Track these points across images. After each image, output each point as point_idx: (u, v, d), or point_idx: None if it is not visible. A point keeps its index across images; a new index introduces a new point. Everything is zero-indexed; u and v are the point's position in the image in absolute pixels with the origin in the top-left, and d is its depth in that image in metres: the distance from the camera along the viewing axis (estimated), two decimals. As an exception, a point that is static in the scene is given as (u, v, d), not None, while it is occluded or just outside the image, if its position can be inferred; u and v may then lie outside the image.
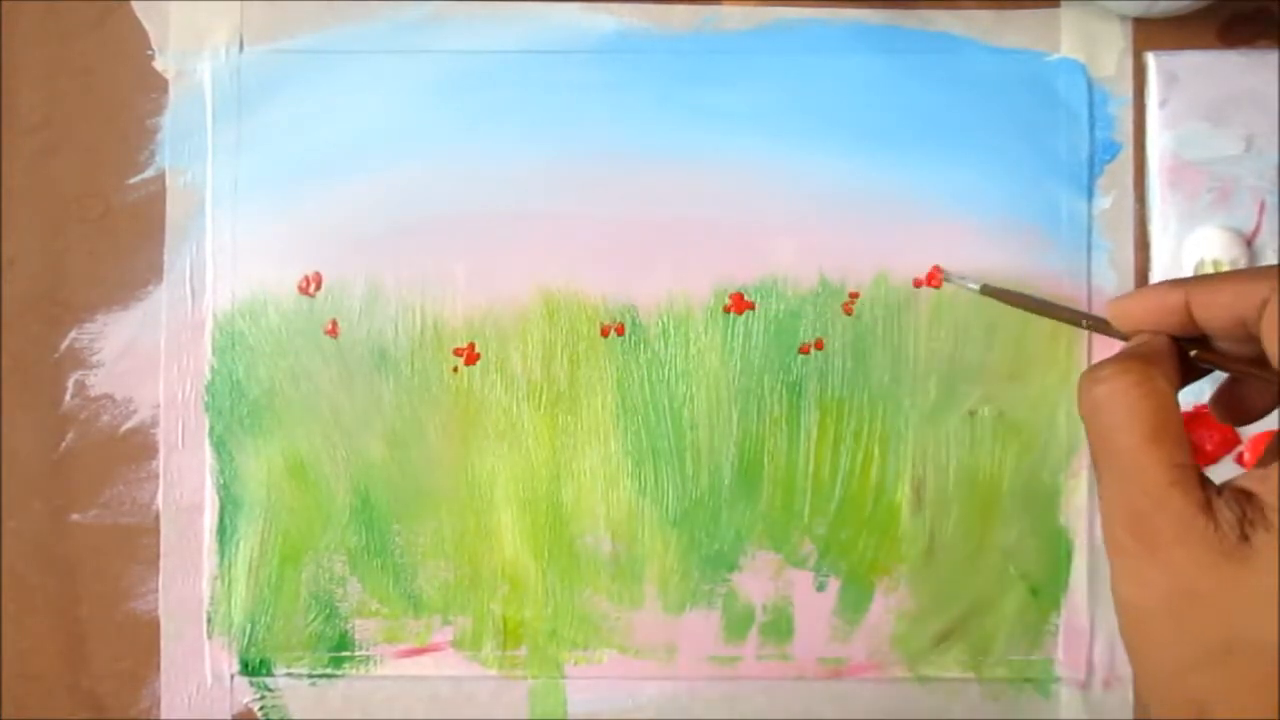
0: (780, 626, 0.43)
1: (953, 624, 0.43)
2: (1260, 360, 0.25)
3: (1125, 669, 0.43)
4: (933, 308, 0.43)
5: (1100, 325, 0.31)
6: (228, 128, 0.43)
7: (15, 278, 0.44)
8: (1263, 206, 0.43)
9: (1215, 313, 0.26)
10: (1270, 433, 0.42)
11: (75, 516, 0.43)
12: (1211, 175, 0.43)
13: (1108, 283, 0.43)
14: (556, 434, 0.43)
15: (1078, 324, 0.32)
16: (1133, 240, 0.43)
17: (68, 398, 0.43)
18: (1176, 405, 0.25)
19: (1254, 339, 0.25)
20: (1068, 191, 0.43)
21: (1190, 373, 0.28)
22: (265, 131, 0.43)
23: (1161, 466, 0.24)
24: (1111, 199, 0.43)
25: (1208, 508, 0.23)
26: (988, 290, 0.35)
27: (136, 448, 0.43)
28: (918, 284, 0.43)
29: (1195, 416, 0.42)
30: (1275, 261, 0.43)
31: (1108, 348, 0.43)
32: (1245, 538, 0.23)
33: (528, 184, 0.43)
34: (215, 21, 0.43)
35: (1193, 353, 0.27)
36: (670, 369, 0.43)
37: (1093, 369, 0.25)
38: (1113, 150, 0.44)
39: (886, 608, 0.43)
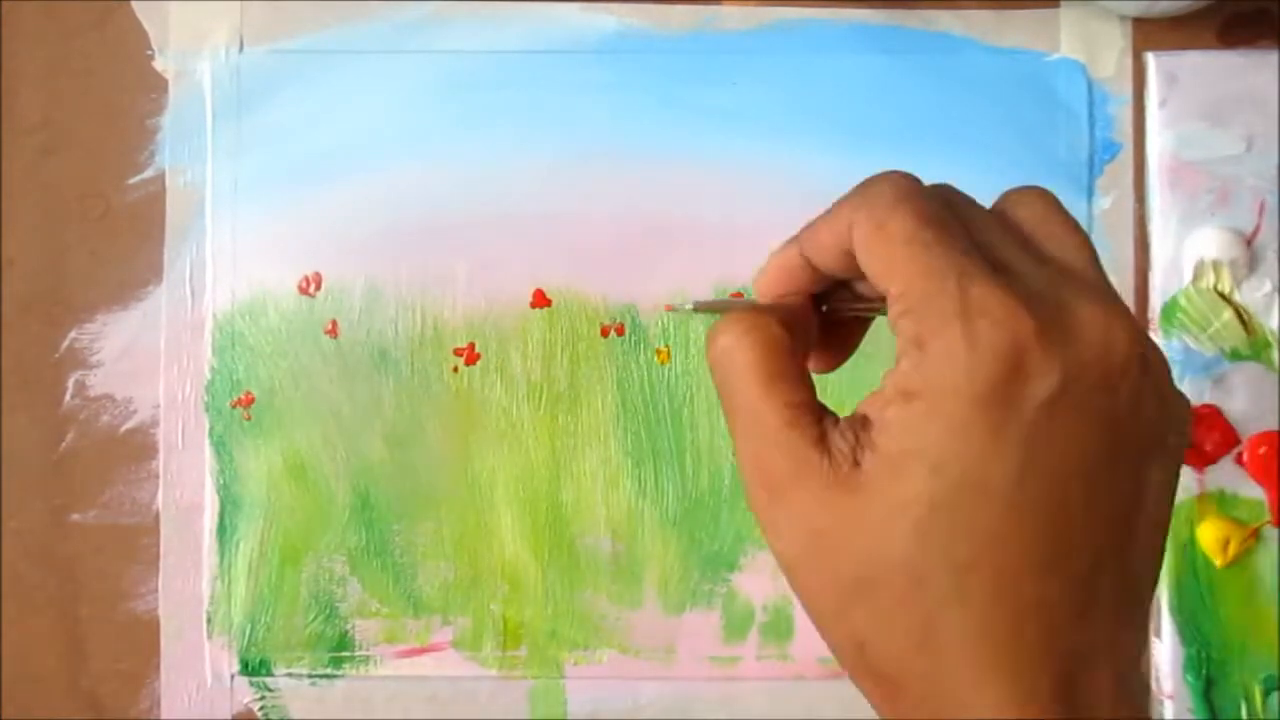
0: (780, 626, 0.43)
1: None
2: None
3: (1125, 669, 0.43)
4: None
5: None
6: (228, 128, 0.43)
7: (15, 278, 0.44)
8: (1263, 206, 0.43)
9: (824, 254, 0.25)
10: (1271, 432, 0.42)
11: (75, 516, 0.43)
12: (1211, 175, 0.43)
13: (1108, 283, 0.43)
14: (556, 434, 0.43)
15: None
16: (1133, 240, 0.43)
17: (68, 398, 0.43)
18: (792, 348, 0.24)
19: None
20: (1068, 191, 0.43)
21: (843, 329, 0.27)
22: (265, 131, 0.43)
23: (776, 408, 0.23)
24: (1111, 199, 0.43)
25: (823, 442, 0.23)
26: (699, 306, 0.35)
27: (136, 448, 0.43)
28: (918, 284, 0.43)
29: (1196, 416, 0.42)
30: (1276, 262, 0.43)
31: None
32: (857, 464, 0.22)
33: (528, 184, 0.43)
34: (215, 21, 0.43)
35: (824, 307, 0.26)
36: (670, 369, 0.43)
37: (713, 326, 0.25)
38: (1113, 150, 0.44)
39: (886, 608, 0.43)
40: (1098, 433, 0.21)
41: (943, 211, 0.23)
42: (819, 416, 0.23)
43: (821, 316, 0.26)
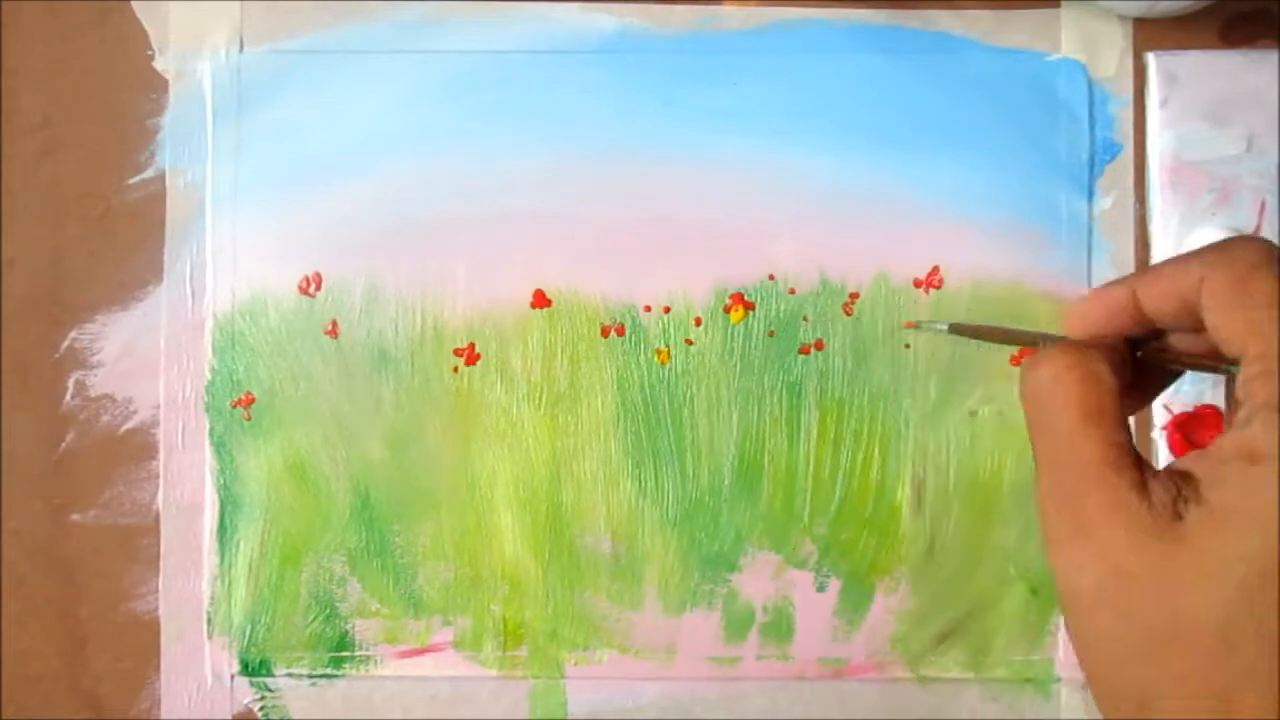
0: (780, 627, 0.43)
1: (953, 624, 0.43)
2: (1213, 353, 0.25)
3: (1125, 669, 0.43)
4: (933, 308, 0.43)
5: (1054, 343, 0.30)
6: (228, 128, 0.43)
7: (15, 278, 0.44)
8: (1263, 206, 0.43)
9: (1160, 301, 0.25)
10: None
11: (75, 516, 0.43)
12: (1212, 175, 0.43)
13: (1108, 283, 0.43)
14: (556, 434, 0.43)
15: (1044, 344, 0.31)
16: (1133, 240, 0.43)
17: (68, 398, 0.43)
18: (1115, 391, 0.24)
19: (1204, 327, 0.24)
20: (1068, 192, 0.43)
21: (1146, 377, 0.27)
22: (265, 131, 0.43)
23: (1096, 445, 0.23)
24: (1112, 199, 0.43)
25: (1141, 487, 0.23)
26: (955, 328, 0.35)
27: (136, 448, 0.43)
28: (918, 284, 0.43)
29: (1195, 416, 0.42)
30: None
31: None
32: (1179, 516, 0.22)
33: (528, 184, 0.43)
34: (215, 21, 0.43)
35: (1139, 353, 0.26)
36: (670, 369, 0.43)
37: (1031, 357, 0.25)
38: (1113, 150, 0.44)
39: (887, 608, 0.43)
40: None
41: None
42: (1139, 461, 0.23)
43: (1133, 362, 0.26)
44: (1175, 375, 0.28)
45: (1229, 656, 0.21)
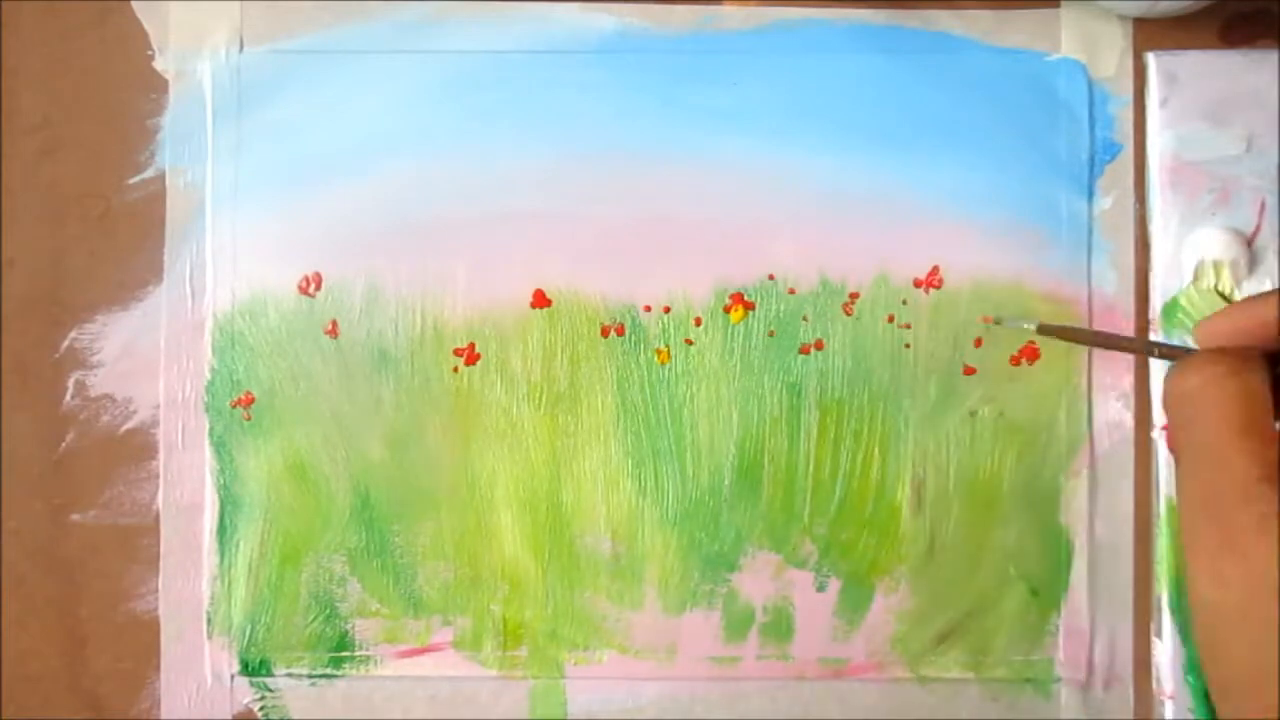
0: (780, 627, 0.43)
1: (953, 624, 0.43)
2: None
3: (1125, 669, 0.43)
4: (933, 308, 0.43)
5: (1173, 352, 0.29)
6: (228, 128, 0.43)
7: (15, 278, 0.44)
8: (1263, 206, 0.43)
9: None
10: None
11: (75, 516, 0.43)
12: (1212, 175, 0.43)
13: (1108, 283, 0.43)
14: (556, 434, 0.43)
15: (1147, 353, 0.30)
16: (1133, 240, 0.43)
17: (68, 398, 0.43)
18: (1269, 404, 0.23)
19: None
20: (1068, 192, 0.43)
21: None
22: (265, 131, 0.43)
23: (1250, 460, 0.23)
24: (1112, 199, 0.43)
25: None
26: (1045, 329, 0.34)
27: (136, 448, 0.43)
28: (918, 284, 0.43)
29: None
30: (1277, 262, 0.43)
31: (1111, 362, 0.43)
32: None
33: (528, 184, 0.43)
34: (215, 21, 0.43)
35: (1278, 370, 0.25)
36: (670, 369, 0.43)
37: (1180, 363, 0.24)
38: (1113, 150, 0.44)
39: (887, 608, 0.43)
40: None
41: None
42: None
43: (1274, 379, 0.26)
44: None
45: None
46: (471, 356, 0.43)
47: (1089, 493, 0.43)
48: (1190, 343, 0.36)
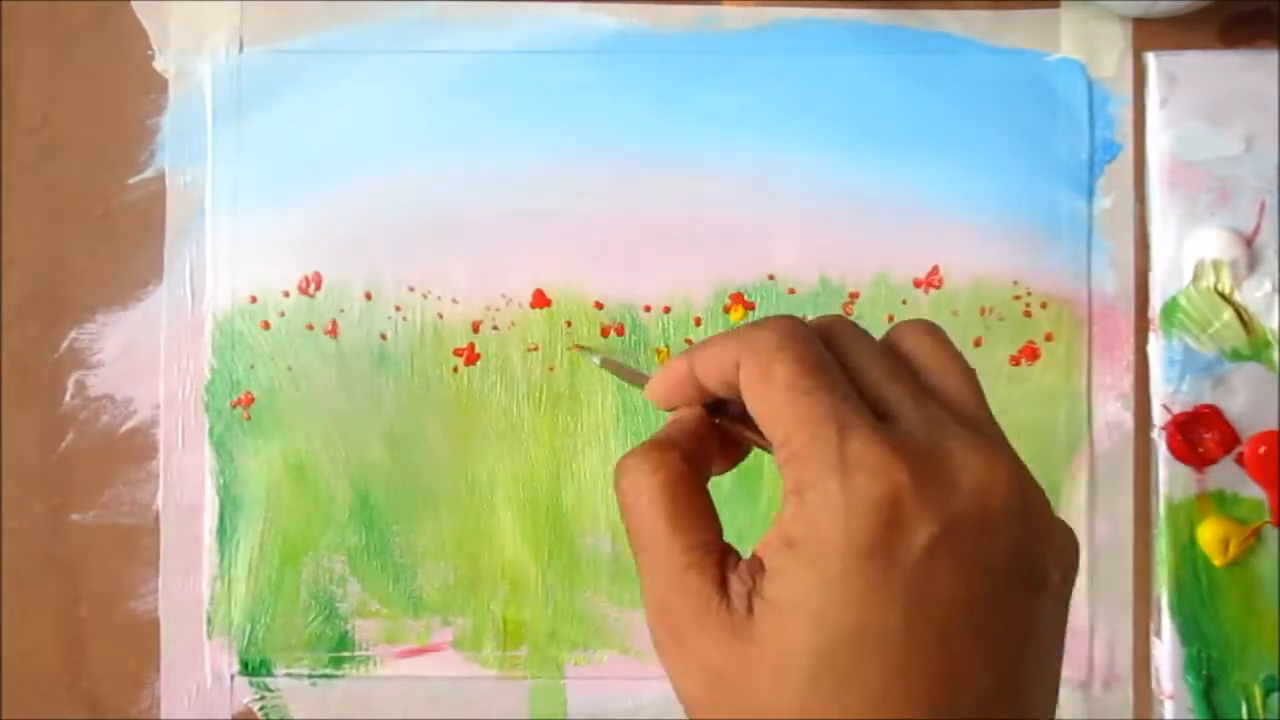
0: (780, 626, 0.43)
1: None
2: None
3: (1125, 669, 0.43)
4: (933, 308, 0.43)
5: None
6: (228, 128, 0.43)
7: (15, 278, 0.44)
8: (1263, 206, 0.43)
9: (711, 380, 0.25)
10: (1271, 432, 0.42)
11: (75, 516, 0.43)
12: (1211, 175, 0.43)
13: (1107, 283, 0.43)
14: (556, 434, 0.43)
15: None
16: (1133, 240, 0.43)
17: (68, 398, 0.43)
18: (696, 483, 0.24)
19: None
20: (1068, 192, 0.43)
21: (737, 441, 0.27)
22: (265, 131, 0.43)
23: (678, 550, 0.23)
24: (1111, 199, 0.43)
25: (722, 585, 0.23)
26: (605, 364, 0.35)
27: (136, 448, 0.43)
28: (917, 284, 0.43)
29: (1195, 416, 0.42)
30: (1276, 262, 0.43)
31: (1110, 362, 0.43)
32: (751, 610, 0.22)
33: (528, 184, 0.43)
34: (215, 21, 0.43)
35: (717, 420, 0.26)
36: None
37: (620, 460, 0.25)
38: (1113, 150, 0.44)
39: (886, 608, 0.43)
40: (979, 576, 0.21)
41: (825, 357, 0.23)
42: (721, 557, 0.23)
43: (715, 428, 0.26)
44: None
45: None
46: (471, 356, 0.43)
47: (1089, 493, 0.43)
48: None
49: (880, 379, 0.23)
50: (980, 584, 0.21)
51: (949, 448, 0.22)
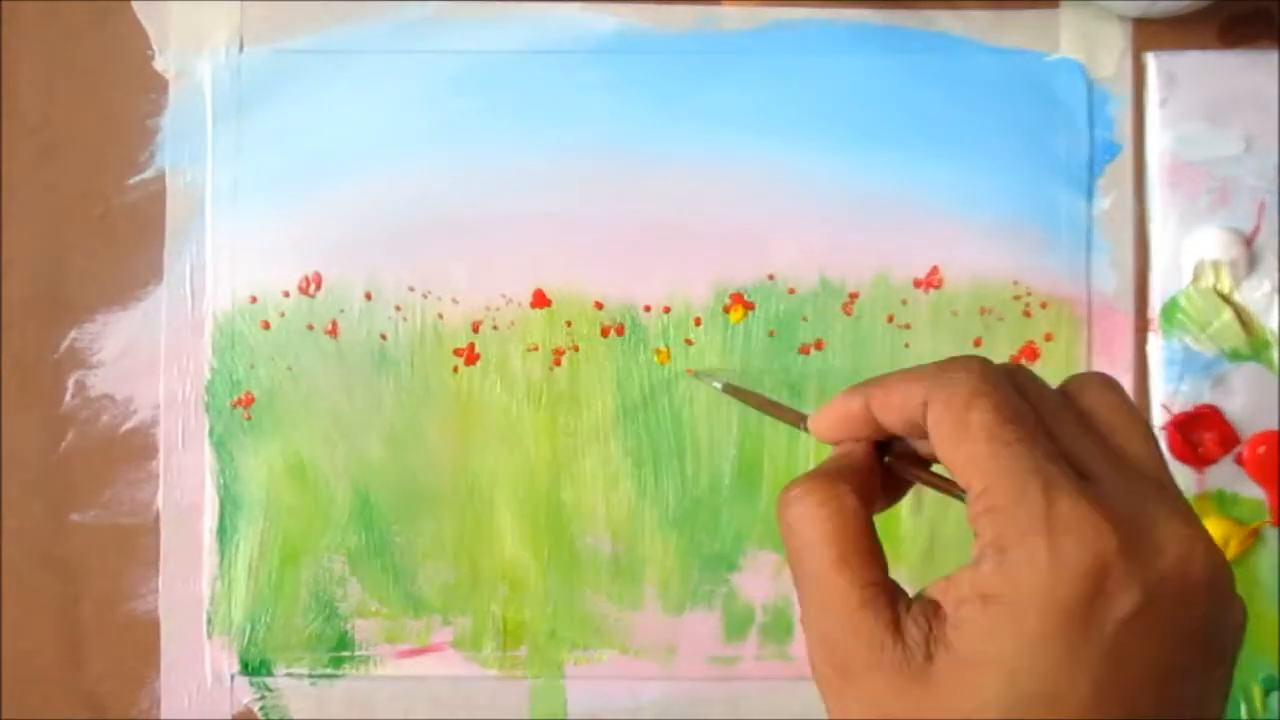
0: (780, 626, 0.43)
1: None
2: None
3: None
4: (933, 308, 0.43)
5: None
6: (228, 128, 0.43)
7: (15, 278, 0.44)
8: (1262, 206, 0.43)
9: (891, 418, 0.25)
10: (1271, 432, 0.42)
11: (75, 516, 0.43)
12: (1211, 175, 0.43)
13: (1107, 283, 0.43)
14: (556, 434, 0.43)
15: (801, 428, 0.30)
16: (1133, 240, 0.43)
17: (68, 398, 0.43)
18: (867, 520, 0.24)
19: None
20: (1067, 192, 0.43)
21: (904, 482, 0.27)
22: (265, 131, 0.43)
23: (851, 588, 0.23)
24: (1111, 199, 0.43)
25: (896, 628, 0.22)
26: (730, 389, 0.35)
27: (136, 448, 0.43)
28: (917, 284, 0.43)
29: (1195, 416, 0.42)
30: (1276, 262, 0.43)
31: (1110, 362, 0.43)
32: (930, 657, 0.22)
33: (528, 184, 0.43)
34: (215, 21, 0.43)
35: (886, 459, 0.26)
36: (670, 369, 0.43)
37: (784, 490, 0.24)
38: (1112, 150, 0.44)
39: (886, 608, 0.43)
40: (1175, 646, 0.21)
41: (1022, 407, 0.23)
42: (893, 598, 0.23)
43: (882, 465, 0.26)
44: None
45: None
46: (471, 356, 0.43)
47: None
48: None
49: (1071, 434, 0.23)
50: (1173, 655, 0.21)
51: (1151, 514, 0.22)
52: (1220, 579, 0.22)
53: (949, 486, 0.25)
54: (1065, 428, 0.23)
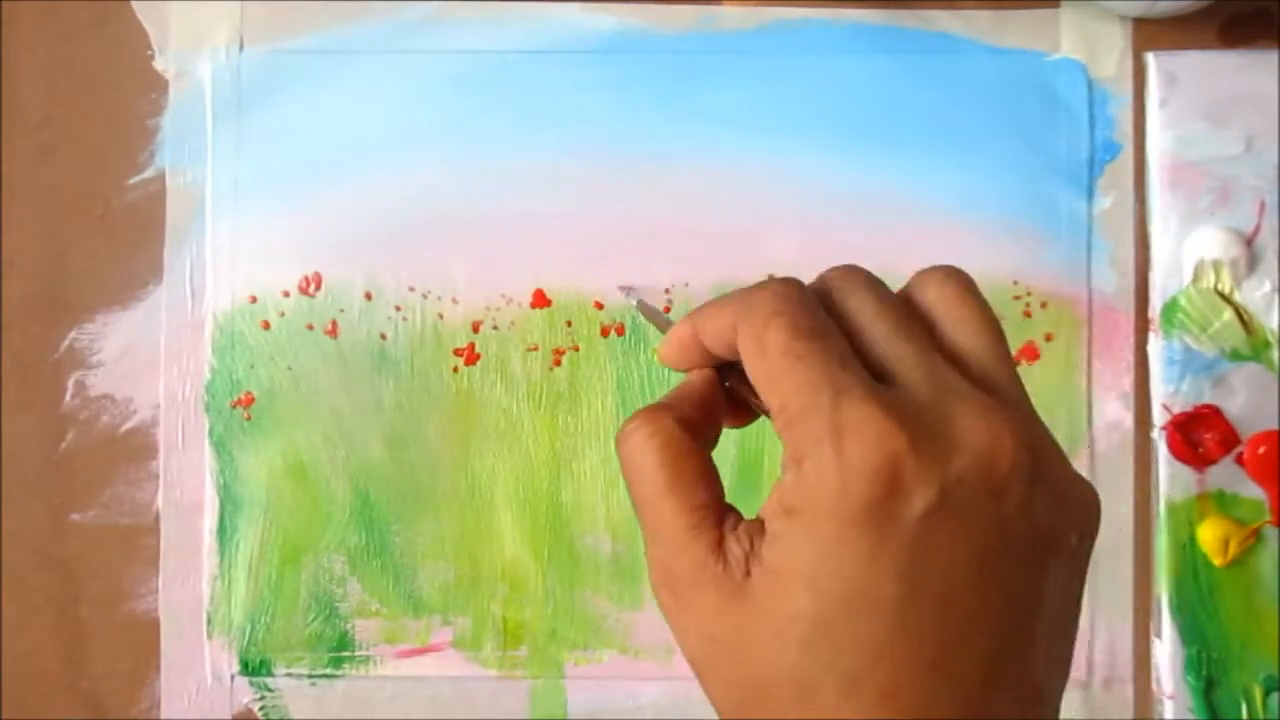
0: (780, 626, 0.43)
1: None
2: None
3: (1125, 669, 0.43)
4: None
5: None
6: (228, 128, 0.43)
7: (15, 278, 0.44)
8: (1263, 206, 0.43)
9: (714, 342, 0.25)
10: (1271, 432, 0.42)
11: (75, 516, 0.43)
12: (1211, 175, 0.43)
13: (1108, 283, 0.43)
14: (556, 434, 0.43)
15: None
16: (1133, 240, 0.43)
17: (68, 398, 0.43)
18: (694, 446, 0.24)
19: None
20: (1068, 191, 0.43)
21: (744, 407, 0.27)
22: (265, 131, 0.43)
23: (679, 513, 0.23)
24: (1111, 199, 0.43)
25: (719, 547, 0.23)
26: (642, 307, 0.37)
27: (136, 448, 0.43)
28: (918, 284, 0.43)
29: (1195, 416, 0.42)
30: (1276, 262, 0.43)
31: (1110, 362, 0.43)
32: (748, 574, 0.22)
33: (528, 184, 0.43)
34: (215, 21, 0.43)
35: (727, 383, 0.26)
36: (670, 369, 0.43)
37: (621, 428, 0.25)
38: (1113, 150, 0.44)
39: (886, 608, 0.43)
40: (983, 539, 0.21)
41: (819, 320, 0.23)
42: (720, 519, 0.23)
43: (725, 389, 0.26)
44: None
45: (813, 700, 0.21)
46: (471, 356, 0.43)
47: (1089, 492, 0.43)
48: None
49: (884, 337, 0.23)
50: (984, 545, 0.21)
51: (952, 410, 0.21)
52: (1043, 467, 0.22)
53: (759, 402, 0.25)
54: (877, 331, 0.23)
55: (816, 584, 0.21)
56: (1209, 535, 0.42)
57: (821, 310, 0.23)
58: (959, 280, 0.24)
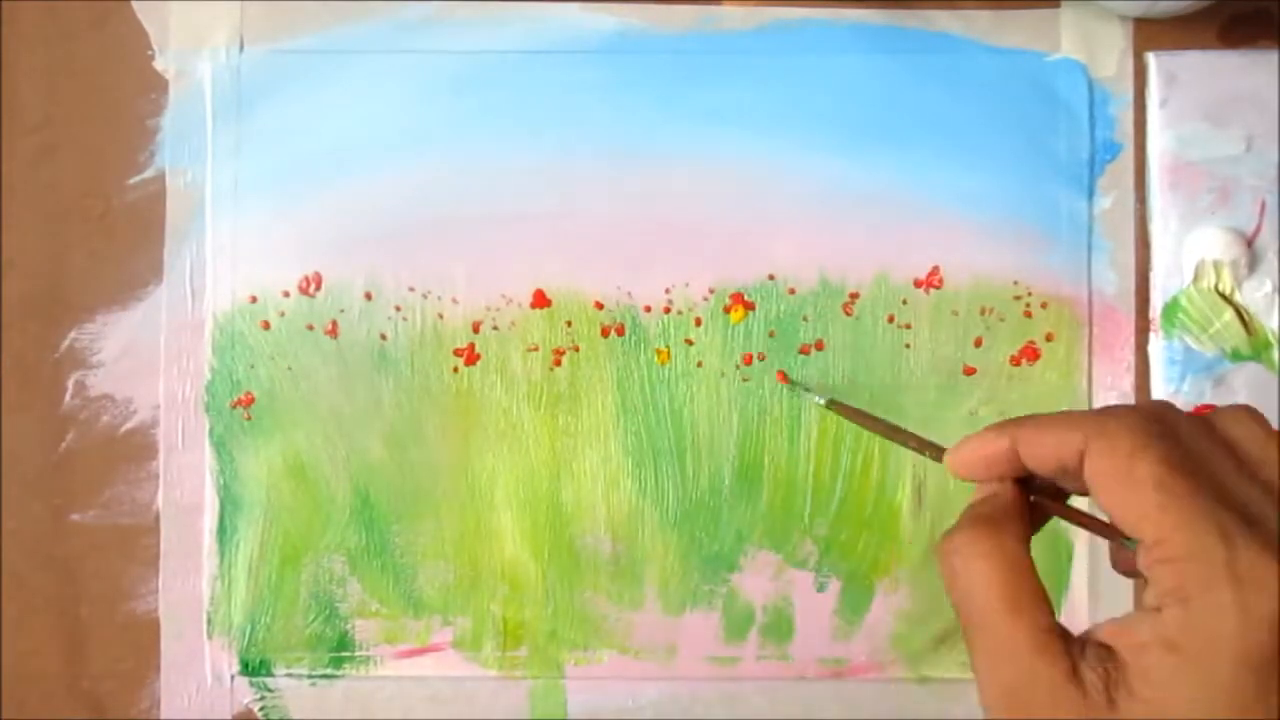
0: (780, 627, 0.43)
1: (953, 625, 0.43)
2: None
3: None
4: (933, 308, 0.43)
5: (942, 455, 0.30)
6: (228, 128, 0.43)
7: (15, 278, 0.44)
8: (1263, 206, 0.43)
9: (1041, 461, 0.25)
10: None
11: (75, 516, 0.43)
12: (1212, 175, 0.43)
13: (1108, 283, 0.43)
14: (556, 434, 0.43)
15: (927, 455, 0.31)
16: (1133, 240, 0.43)
17: (68, 398, 0.43)
18: (1031, 565, 0.24)
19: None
20: (1068, 191, 0.43)
21: (1042, 513, 0.27)
22: (265, 131, 0.43)
23: (1026, 636, 0.23)
24: (1112, 199, 0.43)
25: (1074, 674, 0.23)
26: (834, 405, 0.35)
27: (136, 448, 0.43)
28: (918, 284, 0.43)
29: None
30: (1277, 262, 0.43)
31: (1111, 362, 0.43)
32: (1113, 703, 0.22)
33: (528, 184, 0.43)
34: (215, 21, 0.43)
35: (1032, 498, 0.26)
36: (670, 369, 0.43)
37: (945, 537, 0.25)
38: (1113, 150, 0.44)
39: (887, 608, 0.43)
40: None
41: (1186, 456, 0.23)
42: (1067, 643, 0.24)
43: (1027, 502, 0.26)
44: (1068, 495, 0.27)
45: None
46: (471, 356, 0.43)
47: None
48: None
49: (1232, 475, 0.24)
50: None
51: None
52: None
53: (1100, 527, 0.25)
54: (1222, 466, 0.24)
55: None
56: (1209, 535, 0.42)
57: (1184, 446, 0.24)
58: (1262, 420, 0.25)
